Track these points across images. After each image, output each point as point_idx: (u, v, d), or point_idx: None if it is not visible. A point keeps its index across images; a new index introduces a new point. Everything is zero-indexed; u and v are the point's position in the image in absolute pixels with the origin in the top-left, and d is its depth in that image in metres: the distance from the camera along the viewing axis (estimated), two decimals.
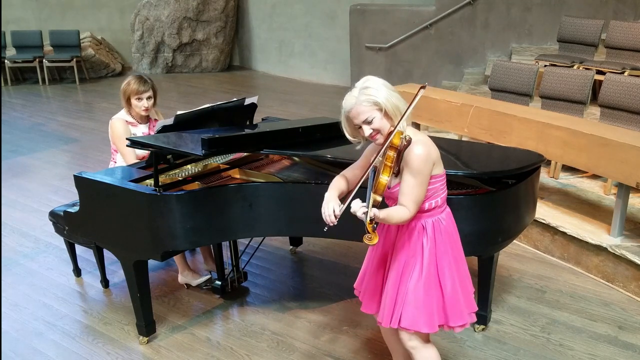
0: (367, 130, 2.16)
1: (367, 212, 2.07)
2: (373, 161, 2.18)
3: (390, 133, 2.14)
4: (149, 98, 3.59)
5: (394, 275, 2.34)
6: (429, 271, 2.28)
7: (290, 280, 3.89)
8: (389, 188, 2.26)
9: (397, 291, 2.32)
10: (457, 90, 6.62)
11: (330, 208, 2.18)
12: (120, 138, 3.55)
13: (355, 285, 2.62)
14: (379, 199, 2.10)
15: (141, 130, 3.65)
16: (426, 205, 2.25)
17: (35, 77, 10.12)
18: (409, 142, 2.14)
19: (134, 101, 3.57)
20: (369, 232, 2.09)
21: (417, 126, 4.81)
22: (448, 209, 2.37)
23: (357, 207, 2.08)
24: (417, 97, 2.18)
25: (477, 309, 2.45)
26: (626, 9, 7.06)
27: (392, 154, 2.12)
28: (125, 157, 3.56)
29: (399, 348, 2.61)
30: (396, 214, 2.17)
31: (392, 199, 2.29)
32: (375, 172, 2.16)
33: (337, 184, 2.34)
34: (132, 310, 3.21)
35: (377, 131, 2.16)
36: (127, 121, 3.63)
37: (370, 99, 2.12)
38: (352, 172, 2.38)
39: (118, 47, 11.32)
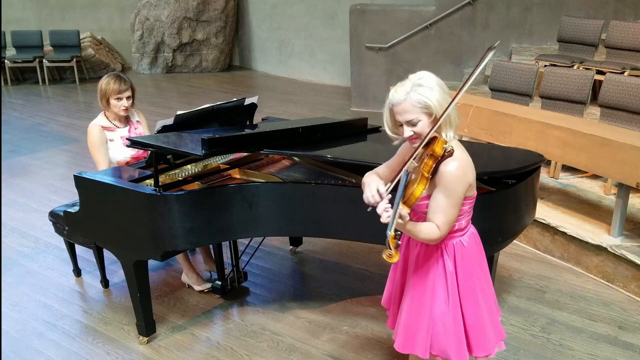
0: (407, 132, 1.98)
1: (392, 223, 1.84)
2: (407, 163, 1.96)
3: (431, 139, 1.95)
4: (128, 98, 3.55)
5: (413, 297, 2.18)
6: (454, 297, 2.12)
7: (290, 280, 3.89)
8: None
9: (420, 316, 2.16)
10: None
11: (374, 188, 1.92)
12: (94, 146, 3.52)
13: (383, 303, 2.47)
14: (407, 210, 1.89)
15: (119, 135, 3.58)
16: None
17: (35, 77, 10.13)
18: (450, 153, 1.95)
19: (113, 101, 3.52)
20: (390, 248, 1.84)
21: None
22: (472, 231, 2.19)
23: (382, 211, 1.87)
24: (484, 61, 1.96)
25: (505, 336, 2.26)
26: (626, 9, 7.06)
27: (431, 163, 1.92)
28: (98, 167, 3.51)
29: None
30: (426, 231, 1.99)
31: (416, 212, 2.10)
32: (408, 177, 1.95)
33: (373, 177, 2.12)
34: (132, 310, 3.21)
35: (418, 135, 1.98)
36: (103, 126, 3.57)
37: (422, 100, 1.93)
38: (383, 171, 2.17)
39: (118, 47, 11.32)
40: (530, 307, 3.49)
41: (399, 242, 1.90)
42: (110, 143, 3.56)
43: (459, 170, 1.97)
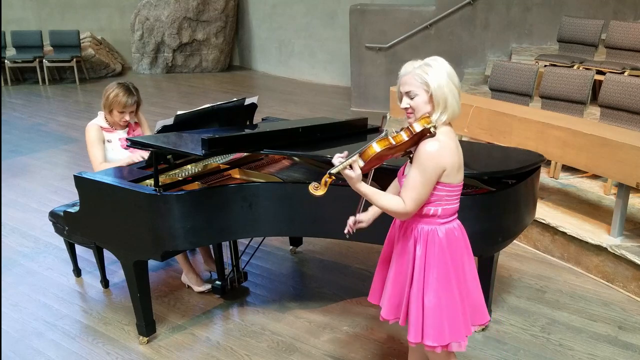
0: (404, 103, 2.11)
1: (338, 166, 2.02)
2: (383, 128, 2.12)
3: (421, 117, 2.09)
4: (131, 113, 3.57)
5: (393, 272, 2.30)
6: (418, 281, 2.19)
7: (290, 280, 3.89)
8: (404, 175, 2.20)
9: (398, 290, 2.28)
10: None
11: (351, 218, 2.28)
12: (90, 143, 3.53)
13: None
14: (361, 164, 2.03)
15: (118, 137, 3.59)
16: (424, 210, 2.14)
17: (35, 77, 10.13)
18: (432, 134, 2.06)
19: (115, 112, 3.53)
20: (319, 183, 2.02)
21: None
22: (454, 226, 2.22)
23: (335, 159, 2.06)
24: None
25: (462, 340, 2.23)
26: (626, 9, 7.06)
27: (404, 135, 2.05)
28: (93, 165, 3.53)
29: (418, 348, 2.52)
30: (386, 200, 2.12)
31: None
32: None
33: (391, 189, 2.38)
34: (132, 310, 3.21)
35: (413, 110, 2.10)
36: (102, 127, 3.57)
37: (423, 77, 2.06)
38: (395, 185, 2.38)
39: (118, 47, 11.32)
40: (530, 307, 3.49)
41: (327, 181, 2.03)
42: (108, 144, 3.56)
43: (435, 151, 2.06)
